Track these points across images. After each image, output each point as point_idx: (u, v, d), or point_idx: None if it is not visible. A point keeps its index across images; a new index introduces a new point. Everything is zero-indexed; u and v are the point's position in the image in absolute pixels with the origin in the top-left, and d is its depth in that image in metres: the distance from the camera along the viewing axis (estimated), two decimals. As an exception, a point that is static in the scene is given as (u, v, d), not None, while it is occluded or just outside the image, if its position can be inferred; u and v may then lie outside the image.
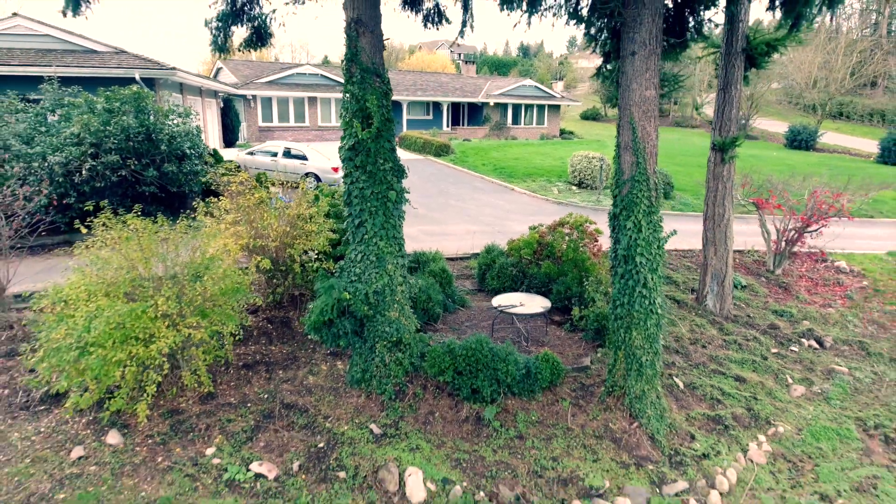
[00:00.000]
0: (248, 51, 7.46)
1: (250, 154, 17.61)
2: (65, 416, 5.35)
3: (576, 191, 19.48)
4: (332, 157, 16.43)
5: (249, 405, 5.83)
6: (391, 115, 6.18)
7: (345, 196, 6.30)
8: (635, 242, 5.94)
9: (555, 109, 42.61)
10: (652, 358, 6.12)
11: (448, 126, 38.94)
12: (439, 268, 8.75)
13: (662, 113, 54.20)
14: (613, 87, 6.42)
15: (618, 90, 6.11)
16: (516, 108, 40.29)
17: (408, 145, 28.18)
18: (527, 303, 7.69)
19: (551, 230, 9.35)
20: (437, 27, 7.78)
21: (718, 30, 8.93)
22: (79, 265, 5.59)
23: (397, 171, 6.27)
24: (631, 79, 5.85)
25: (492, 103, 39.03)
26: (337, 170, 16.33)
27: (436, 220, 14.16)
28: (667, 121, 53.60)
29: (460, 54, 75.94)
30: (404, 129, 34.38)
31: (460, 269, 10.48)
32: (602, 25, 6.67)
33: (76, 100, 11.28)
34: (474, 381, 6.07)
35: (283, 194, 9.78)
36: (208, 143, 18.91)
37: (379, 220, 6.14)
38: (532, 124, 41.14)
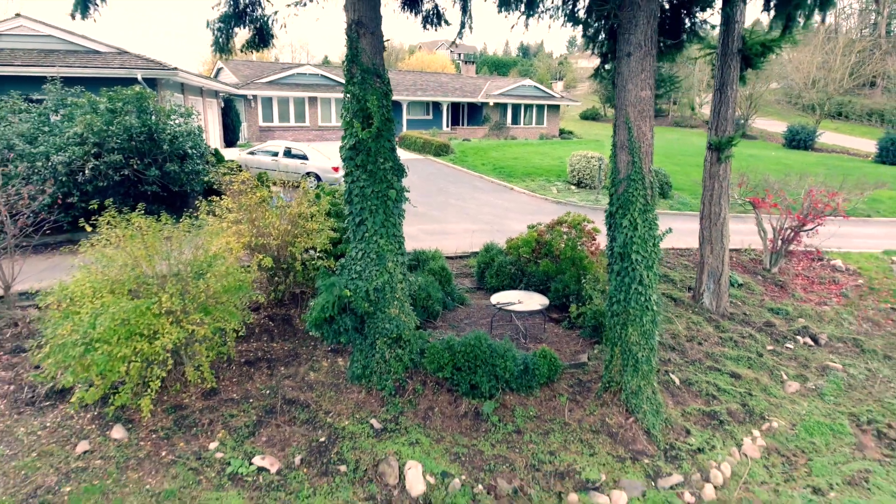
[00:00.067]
0: (250, 51, 7.54)
1: (251, 154, 17.69)
2: (70, 412, 5.45)
3: (574, 190, 19.56)
4: (332, 156, 16.51)
5: (252, 401, 5.93)
6: (391, 115, 6.27)
7: (345, 195, 6.39)
8: (631, 240, 6.03)
9: (554, 109, 42.69)
10: (648, 354, 6.21)
11: (448, 126, 38.99)
12: (439, 266, 8.85)
13: (662, 113, 54.25)
14: (612, 87, 6.51)
15: (614, 90, 6.21)
16: (516, 108, 40.35)
17: (408, 145, 28.25)
18: (525, 300, 7.78)
19: (550, 229, 9.44)
20: (436, 28, 7.86)
21: (715, 31, 9.01)
22: (84, 263, 5.69)
23: (397, 170, 6.36)
24: (627, 79, 5.93)
25: (491, 103, 39.10)
26: (337, 169, 16.41)
27: (435, 219, 14.25)
28: (666, 121, 53.67)
29: (460, 54, 75.98)
30: (404, 128, 34.43)
31: (459, 267, 10.57)
32: (599, 27, 6.76)
33: (79, 100, 11.36)
34: (473, 376, 6.17)
35: (284, 193, 9.87)
36: (209, 143, 18.98)
37: (379, 218, 6.23)
38: (531, 124, 41.19)
